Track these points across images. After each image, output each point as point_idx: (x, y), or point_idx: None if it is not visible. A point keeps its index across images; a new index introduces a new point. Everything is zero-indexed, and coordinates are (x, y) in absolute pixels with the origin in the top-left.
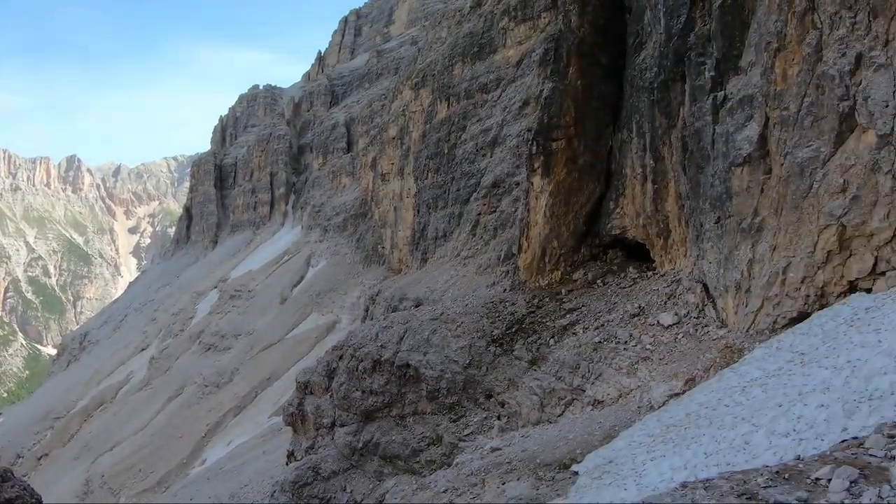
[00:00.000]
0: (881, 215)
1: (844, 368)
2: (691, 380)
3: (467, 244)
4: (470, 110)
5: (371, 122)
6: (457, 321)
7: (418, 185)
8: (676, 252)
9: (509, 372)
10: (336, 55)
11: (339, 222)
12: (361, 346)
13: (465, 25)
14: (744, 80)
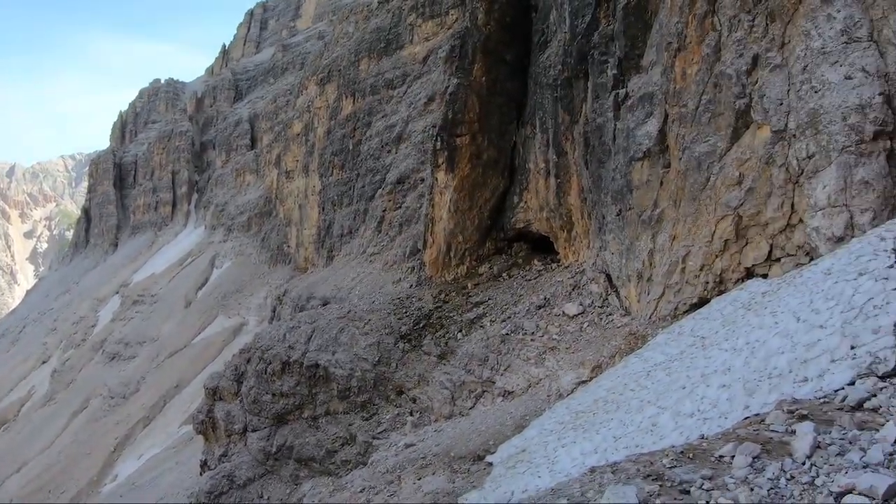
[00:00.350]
0: (775, 206)
1: (744, 350)
2: (598, 367)
3: (373, 241)
4: (375, 106)
5: (275, 119)
6: (364, 319)
7: (323, 183)
8: (580, 244)
9: (419, 367)
10: (241, 49)
11: (244, 221)
12: (269, 348)
13: (372, 21)
14: (645, 78)
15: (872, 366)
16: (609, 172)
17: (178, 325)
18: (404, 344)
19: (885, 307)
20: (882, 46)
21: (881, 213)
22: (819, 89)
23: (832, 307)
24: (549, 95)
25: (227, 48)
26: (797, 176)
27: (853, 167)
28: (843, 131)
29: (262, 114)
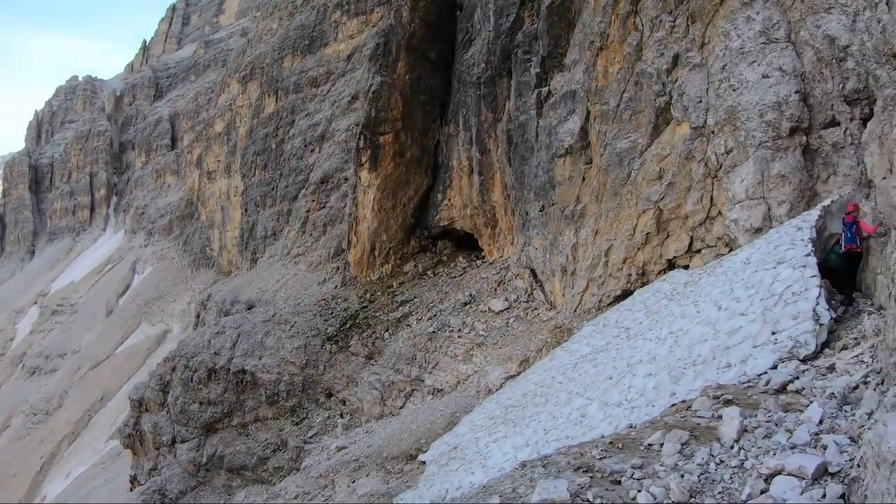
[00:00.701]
0: (695, 199)
1: (668, 339)
2: (525, 361)
3: (297, 242)
4: (299, 105)
5: (197, 117)
6: (290, 321)
7: (246, 183)
8: (504, 240)
9: (347, 369)
10: (162, 45)
11: (165, 224)
12: (194, 355)
13: (297, 17)
14: (567, 76)
15: (794, 350)
16: (532, 169)
17: (100, 335)
18: (331, 345)
19: (804, 294)
20: (799, 47)
21: (797, 204)
22: (737, 88)
23: (752, 295)
24: (473, 93)
25: (148, 44)
26: (716, 170)
27: (770, 161)
28: (760, 127)
29: (183, 112)
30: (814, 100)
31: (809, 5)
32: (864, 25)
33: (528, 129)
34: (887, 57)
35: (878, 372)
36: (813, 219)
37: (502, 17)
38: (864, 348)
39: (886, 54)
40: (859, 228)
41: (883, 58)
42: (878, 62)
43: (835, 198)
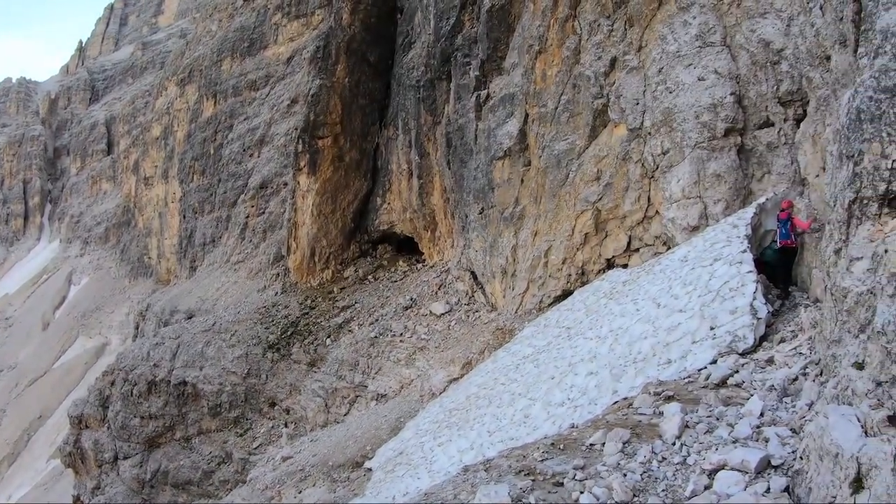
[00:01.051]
0: (632, 199)
1: (608, 337)
2: (468, 363)
3: (237, 249)
4: (237, 108)
5: (133, 121)
6: (230, 330)
7: (183, 189)
8: (444, 243)
9: (290, 377)
10: (99, 46)
11: (101, 233)
12: (133, 368)
13: (236, 19)
14: (506, 79)
15: (732, 344)
16: (471, 172)
17: (37, 349)
18: (273, 354)
19: (741, 289)
20: (734, 50)
21: (733, 203)
22: (673, 90)
23: (690, 292)
24: (412, 96)
25: (85, 45)
26: (653, 171)
27: (706, 161)
28: (695, 128)
29: (120, 116)
30: (748, 101)
31: (745, 10)
32: (799, 29)
33: (466, 132)
34: (820, 59)
35: (816, 363)
36: (748, 216)
37: (442, 21)
38: (802, 340)
39: (819, 56)
40: (794, 225)
41: (816, 60)
42: (812, 64)
43: (769, 195)
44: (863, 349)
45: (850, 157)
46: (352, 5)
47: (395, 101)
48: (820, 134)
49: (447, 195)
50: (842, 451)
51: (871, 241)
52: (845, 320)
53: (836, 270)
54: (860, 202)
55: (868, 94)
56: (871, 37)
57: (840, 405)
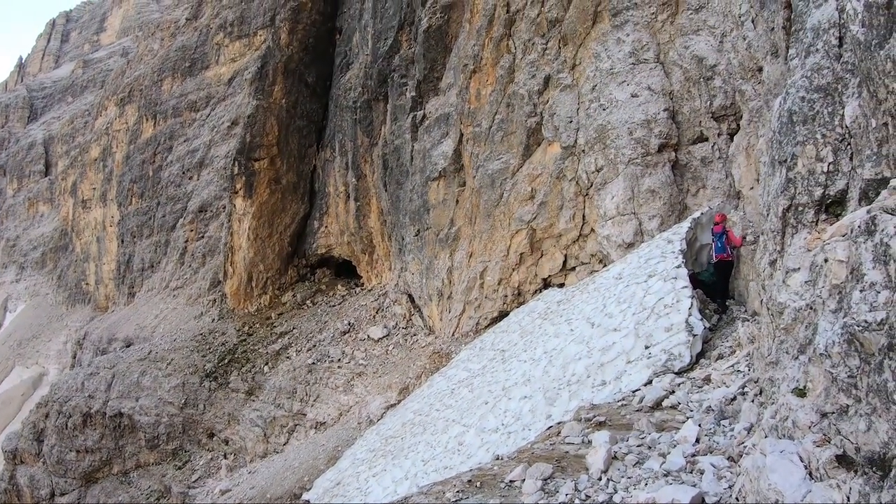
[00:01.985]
0: (567, 217)
1: (542, 359)
2: (405, 389)
3: (176, 274)
4: (177, 129)
5: (72, 142)
6: (166, 359)
7: (122, 212)
8: (382, 266)
9: (228, 406)
10: (39, 62)
11: (38, 257)
12: (68, 400)
13: (178, 38)
14: (442, 100)
15: (668, 363)
16: (407, 193)
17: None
18: (210, 382)
19: (676, 305)
20: (668, 67)
21: (668, 218)
22: (607, 107)
23: (625, 310)
24: (349, 118)
25: (24, 61)
26: (587, 188)
27: (640, 178)
28: (629, 145)
29: (58, 136)
30: (682, 117)
31: (678, 27)
32: (731, 45)
33: (402, 153)
34: (752, 72)
35: (755, 381)
36: (683, 231)
37: (380, 41)
38: (740, 357)
39: (752, 69)
40: (729, 238)
41: (748, 73)
42: (744, 77)
43: (704, 210)
44: (804, 373)
45: (783, 162)
46: (290, 25)
47: (332, 123)
48: (753, 146)
49: (384, 217)
50: (782, 499)
51: (807, 250)
52: (783, 339)
53: (771, 283)
54: (795, 209)
55: (800, 95)
56: (801, 36)
57: (780, 439)
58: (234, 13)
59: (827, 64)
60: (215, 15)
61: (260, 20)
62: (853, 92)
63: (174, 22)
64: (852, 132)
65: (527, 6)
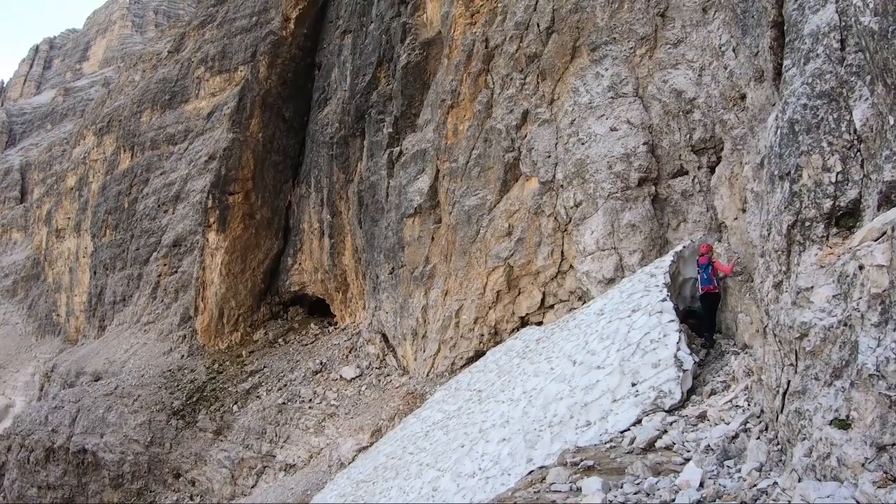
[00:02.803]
0: (545, 254)
1: (521, 399)
2: (378, 431)
3: (147, 308)
4: (155, 162)
5: (49, 169)
6: (133, 395)
7: (95, 244)
8: (356, 305)
9: (195, 446)
10: (20, 87)
11: (9, 286)
12: (31, 433)
13: (160, 70)
14: (419, 136)
15: (658, 400)
16: (382, 231)
17: None
18: (178, 421)
19: (663, 340)
20: (647, 101)
21: (649, 253)
22: (586, 141)
23: (608, 346)
24: (325, 153)
25: (5, 86)
26: (566, 224)
27: (619, 212)
28: (609, 179)
29: (36, 163)
30: (662, 151)
31: (657, 62)
32: (711, 76)
33: (378, 189)
34: (734, 100)
35: (758, 416)
36: (666, 264)
37: (359, 77)
38: (737, 391)
39: (734, 98)
40: (715, 269)
41: (730, 102)
42: (726, 108)
43: (686, 243)
44: (844, 401)
45: (785, 175)
46: (269, 59)
47: (308, 158)
48: (737, 175)
49: (358, 255)
50: None
51: (820, 266)
52: (808, 364)
53: (777, 307)
54: (801, 225)
55: (801, 103)
56: (797, 45)
57: (822, 481)
58: (216, 48)
59: (829, 68)
60: (197, 49)
61: (241, 55)
62: (861, 94)
63: (156, 54)
64: (862, 137)
65: (505, 42)
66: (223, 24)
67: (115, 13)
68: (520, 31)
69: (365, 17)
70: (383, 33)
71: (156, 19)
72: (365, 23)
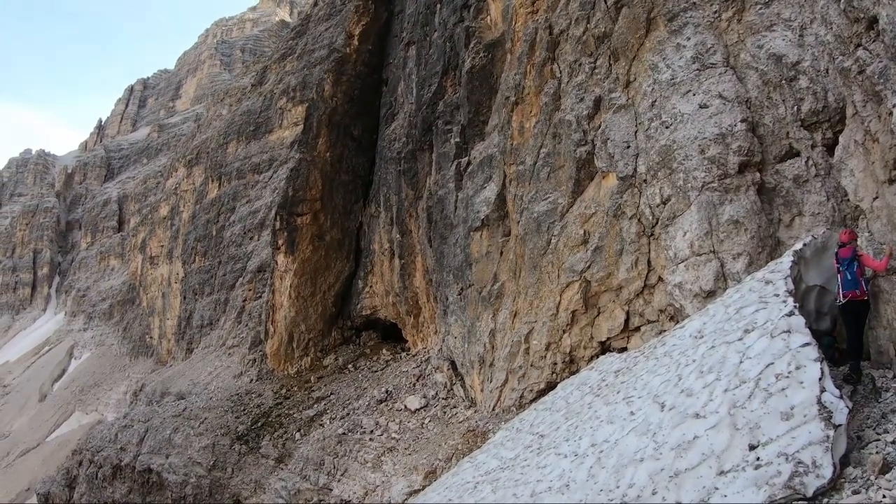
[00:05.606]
0: (628, 265)
1: (589, 455)
2: (432, 472)
3: (232, 332)
4: (241, 191)
5: (144, 201)
6: (200, 417)
7: (185, 270)
8: (427, 330)
9: (255, 473)
10: (118, 125)
11: (106, 309)
12: (100, 450)
13: (244, 103)
14: (487, 142)
15: (795, 479)
16: (451, 248)
17: (32, 420)
18: (241, 446)
19: (795, 375)
20: (740, 71)
21: (758, 256)
22: (670, 124)
23: (711, 384)
24: (394, 170)
25: (104, 123)
26: (652, 226)
27: (718, 206)
28: (702, 166)
29: (132, 195)
30: (764, 129)
31: (748, 25)
32: (815, 37)
33: (446, 204)
34: (857, 36)
35: None
36: (785, 267)
37: (424, 88)
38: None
39: (856, 34)
40: (862, 266)
41: (850, 42)
42: (846, 52)
43: (807, 240)
44: None
45: None
46: (334, 76)
47: (377, 177)
48: (876, 134)
49: (429, 276)
50: None
51: None
52: None
53: None
54: None
55: None
56: None
57: None
58: (297, 78)
59: None
60: (279, 81)
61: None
62: None
63: (241, 88)
64: None
65: (571, 25)
66: (302, 55)
67: (204, 53)
68: (586, 10)
69: (428, 26)
70: (447, 41)
71: (242, 57)
72: (428, 32)
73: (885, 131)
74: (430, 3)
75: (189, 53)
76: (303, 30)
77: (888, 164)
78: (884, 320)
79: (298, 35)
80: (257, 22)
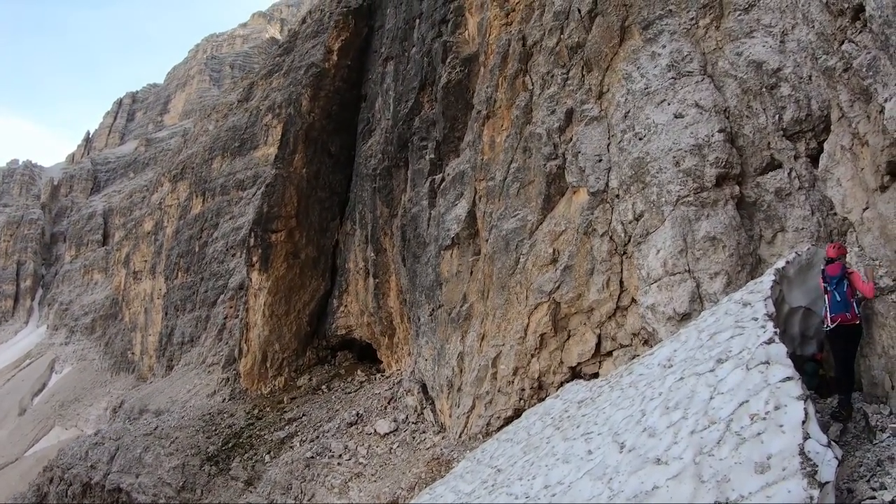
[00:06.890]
0: (599, 285)
1: (540, 499)
2: (394, 503)
3: (213, 350)
4: (224, 207)
5: (129, 215)
6: (171, 437)
7: (168, 285)
8: (401, 351)
9: (224, 495)
10: (105, 138)
11: (88, 323)
12: (70, 467)
13: (230, 119)
14: (461, 158)
15: None
16: (423, 267)
17: (11, 434)
18: (210, 467)
19: (773, 416)
20: (718, 79)
21: (736, 276)
22: (644, 135)
23: (677, 423)
24: (369, 187)
25: (91, 136)
26: (624, 244)
27: (693, 221)
28: (676, 179)
29: (117, 209)
30: (744, 139)
31: (726, 32)
32: (797, 42)
33: (420, 221)
34: (841, 30)
35: None
36: (765, 287)
37: (401, 104)
38: None
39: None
40: (852, 285)
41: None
42: (829, 49)
43: (791, 257)
44: None
45: None
46: (312, 91)
47: (353, 194)
48: (864, 136)
49: (403, 296)
50: None
51: None
52: None
53: None
54: None
55: None
56: None
57: None
58: (282, 95)
59: None
60: (265, 97)
61: None
62: None
63: (228, 104)
64: None
65: (545, 36)
66: (289, 72)
67: (194, 68)
68: (559, 21)
69: (406, 41)
70: (425, 56)
71: (231, 73)
72: (407, 47)
73: (876, 132)
74: (410, 19)
75: (179, 68)
76: (290, 47)
77: (880, 169)
78: (878, 347)
79: (286, 52)
80: (247, 38)
